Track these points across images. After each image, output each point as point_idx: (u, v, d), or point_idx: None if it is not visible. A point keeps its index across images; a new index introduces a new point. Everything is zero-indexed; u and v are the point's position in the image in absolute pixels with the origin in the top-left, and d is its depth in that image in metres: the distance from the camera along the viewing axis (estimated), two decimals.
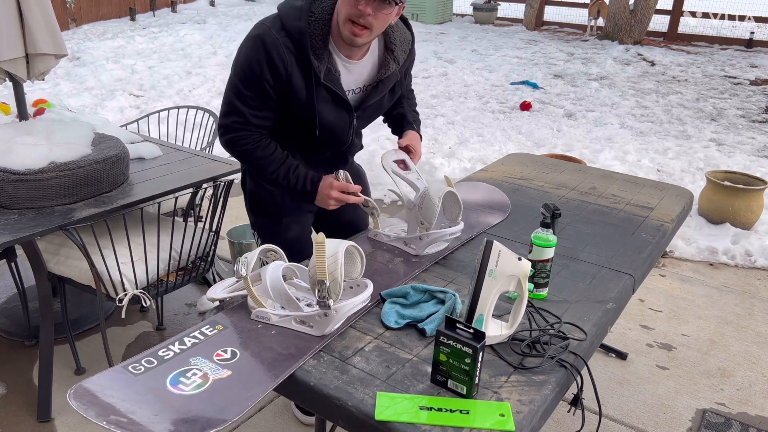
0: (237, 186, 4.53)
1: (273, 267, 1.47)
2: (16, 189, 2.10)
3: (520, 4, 12.66)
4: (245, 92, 1.70)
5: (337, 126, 1.82)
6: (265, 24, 1.67)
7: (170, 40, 9.18)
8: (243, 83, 1.69)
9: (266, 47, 1.64)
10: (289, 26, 1.65)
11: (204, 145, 3.20)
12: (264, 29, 1.66)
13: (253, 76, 1.67)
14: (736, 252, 3.64)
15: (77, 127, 2.41)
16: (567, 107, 6.61)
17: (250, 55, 1.67)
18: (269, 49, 1.64)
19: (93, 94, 6.42)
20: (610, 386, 2.51)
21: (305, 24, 1.65)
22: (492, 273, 1.35)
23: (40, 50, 2.76)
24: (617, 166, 4.78)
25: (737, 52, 10.01)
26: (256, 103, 1.71)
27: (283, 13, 1.68)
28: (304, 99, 1.72)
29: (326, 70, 1.70)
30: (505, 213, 2.14)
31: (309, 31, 1.65)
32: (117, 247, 2.23)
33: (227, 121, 1.74)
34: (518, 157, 2.78)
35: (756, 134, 5.86)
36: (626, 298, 1.71)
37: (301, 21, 1.64)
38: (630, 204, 2.27)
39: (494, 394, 1.24)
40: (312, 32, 1.66)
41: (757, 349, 2.80)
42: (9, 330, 2.74)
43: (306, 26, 1.65)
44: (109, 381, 1.22)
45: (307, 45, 1.65)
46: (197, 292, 3.12)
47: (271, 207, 1.96)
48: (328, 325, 1.39)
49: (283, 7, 1.69)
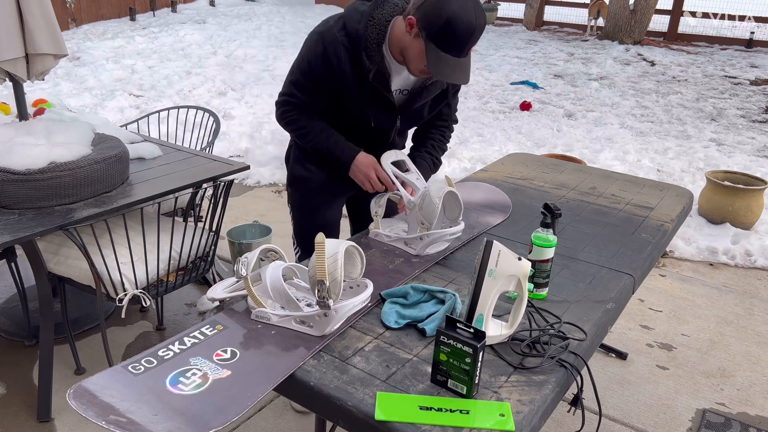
0: (237, 186, 4.54)
1: (273, 267, 1.47)
2: (16, 189, 2.10)
3: (520, 4, 12.66)
4: (301, 79, 1.88)
5: (381, 124, 1.96)
6: (329, 23, 1.83)
7: (170, 40, 9.18)
8: (300, 72, 1.87)
9: (324, 44, 1.80)
10: (348, 27, 1.80)
11: (204, 145, 3.20)
12: (327, 27, 1.82)
13: (309, 68, 1.84)
14: (736, 252, 3.64)
15: (77, 127, 2.41)
16: (567, 107, 6.61)
17: (310, 49, 1.83)
18: (327, 45, 1.80)
19: (93, 94, 6.42)
20: (610, 386, 2.51)
21: (363, 27, 1.79)
22: (492, 273, 1.35)
23: (39, 50, 2.76)
24: (617, 166, 4.78)
25: (737, 52, 10.01)
26: (308, 92, 1.89)
27: (347, 14, 1.83)
28: (354, 95, 1.87)
29: (377, 71, 1.82)
30: (506, 213, 2.14)
31: (365, 35, 1.79)
32: (117, 247, 2.23)
33: (281, 98, 1.95)
34: (518, 157, 2.78)
35: (756, 134, 5.86)
36: (626, 298, 1.71)
37: (360, 24, 1.79)
38: (630, 204, 2.27)
39: (494, 394, 1.24)
40: (368, 35, 1.79)
41: (757, 349, 2.80)
42: (9, 330, 2.74)
43: (363, 29, 1.79)
44: (108, 381, 1.22)
45: (361, 46, 1.79)
46: (197, 292, 3.12)
47: (309, 183, 2.12)
48: (328, 325, 1.39)
49: (348, 9, 1.85)
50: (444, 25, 1.61)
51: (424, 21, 1.64)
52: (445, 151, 2.16)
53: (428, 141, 2.11)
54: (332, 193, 2.14)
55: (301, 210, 2.17)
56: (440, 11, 1.61)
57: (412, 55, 1.74)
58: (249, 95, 6.60)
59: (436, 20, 1.62)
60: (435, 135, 2.12)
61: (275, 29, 10.55)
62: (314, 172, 2.09)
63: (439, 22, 1.61)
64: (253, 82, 7.19)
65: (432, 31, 1.64)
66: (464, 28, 1.62)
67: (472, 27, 1.63)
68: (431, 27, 1.64)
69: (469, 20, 1.62)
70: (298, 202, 2.17)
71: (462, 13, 1.61)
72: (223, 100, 6.35)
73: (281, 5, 13.51)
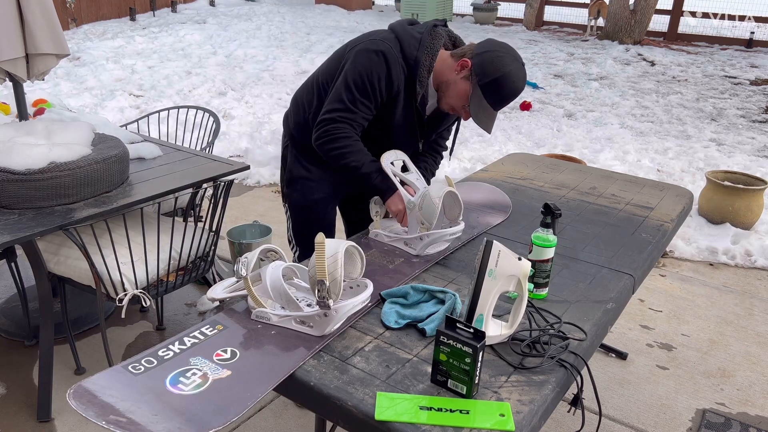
0: (237, 186, 4.54)
1: (273, 267, 1.47)
2: (16, 189, 2.10)
3: (520, 4, 12.66)
4: (357, 96, 1.85)
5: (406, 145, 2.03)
6: (387, 43, 1.85)
7: (170, 40, 9.18)
8: (357, 88, 1.84)
9: (388, 63, 1.83)
10: (407, 53, 1.86)
11: (204, 145, 3.20)
12: (387, 47, 1.84)
13: (370, 85, 1.84)
14: (736, 252, 3.64)
15: (77, 127, 2.40)
16: (567, 107, 6.61)
17: (369, 66, 1.83)
18: (391, 65, 1.83)
19: (93, 94, 6.42)
20: (610, 386, 2.51)
21: (421, 55, 1.86)
22: (492, 273, 1.35)
23: (40, 50, 2.76)
24: (617, 166, 4.78)
25: (737, 52, 10.01)
26: (364, 108, 1.87)
27: (402, 37, 1.87)
28: (399, 118, 1.93)
29: (422, 96, 1.91)
30: (506, 213, 2.14)
31: (422, 62, 1.86)
32: (117, 247, 2.23)
33: (334, 115, 1.87)
34: (518, 157, 2.78)
35: (756, 134, 5.86)
36: (626, 298, 1.71)
37: (418, 51, 1.86)
38: (630, 204, 2.27)
39: (494, 394, 1.24)
40: (423, 63, 1.87)
41: (757, 349, 2.80)
42: (9, 330, 2.74)
43: (421, 57, 1.86)
44: (108, 381, 1.22)
45: (416, 74, 1.86)
46: (197, 292, 3.12)
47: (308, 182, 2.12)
48: (328, 325, 1.39)
49: (403, 33, 1.88)
50: (498, 79, 1.77)
51: (480, 68, 1.78)
52: (434, 175, 2.24)
53: (420, 164, 2.17)
54: (330, 191, 2.16)
55: (300, 209, 2.17)
56: (498, 67, 1.77)
57: (453, 93, 1.86)
58: (249, 95, 6.60)
59: (492, 72, 1.77)
60: (428, 159, 2.18)
61: (275, 29, 10.55)
62: (313, 171, 2.10)
63: (494, 75, 1.77)
64: (253, 82, 7.19)
65: (484, 80, 1.78)
66: (511, 88, 1.79)
67: (517, 90, 1.81)
68: (485, 77, 1.78)
69: (517, 84, 1.80)
70: (297, 201, 2.17)
71: (514, 76, 1.78)
72: (223, 100, 6.35)
73: (281, 5, 13.51)
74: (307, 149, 2.08)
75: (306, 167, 2.11)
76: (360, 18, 12.31)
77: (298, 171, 2.12)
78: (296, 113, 2.08)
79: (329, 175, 2.11)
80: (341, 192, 2.19)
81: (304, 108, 2.05)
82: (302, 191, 2.14)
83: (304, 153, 2.10)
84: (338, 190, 2.18)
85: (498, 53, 1.79)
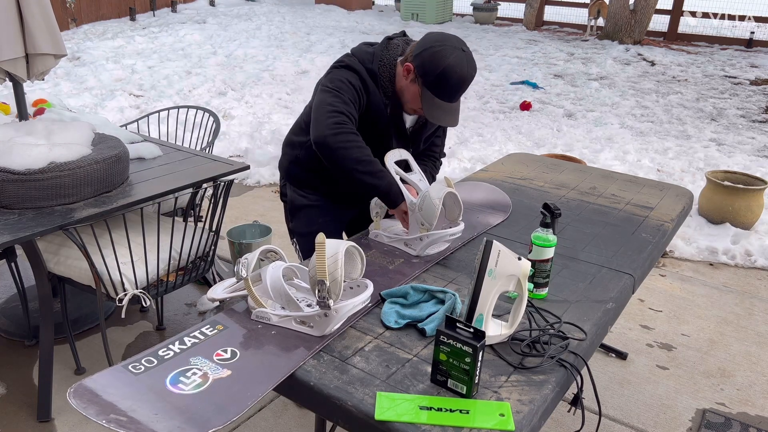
0: (237, 186, 4.54)
1: (273, 267, 1.47)
2: (16, 189, 2.10)
3: (520, 4, 12.66)
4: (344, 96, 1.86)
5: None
6: (348, 59, 1.93)
7: (170, 40, 9.18)
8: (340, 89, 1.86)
9: (356, 70, 1.89)
10: (366, 65, 1.91)
11: (204, 145, 3.20)
12: (349, 60, 1.92)
13: (349, 84, 1.87)
14: (736, 252, 3.64)
15: (77, 127, 2.41)
16: (567, 107, 6.61)
17: (342, 74, 1.89)
18: (359, 71, 1.90)
19: (93, 94, 6.42)
20: (610, 386, 2.51)
21: (377, 67, 1.91)
22: (492, 273, 1.35)
23: (39, 50, 2.76)
24: (617, 166, 4.78)
25: (737, 52, 10.01)
26: (352, 104, 1.88)
27: (359, 54, 1.94)
28: (380, 124, 1.96)
29: (392, 106, 1.95)
30: (506, 213, 2.14)
31: (380, 74, 1.92)
32: (117, 247, 2.23)
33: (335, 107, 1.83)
34: (518, 157, 2.78)
35: (756, 134, 5.86)
36: (626, 298, 1.71)
37: (373, 64, 1.91)
38: (630, 204, 2.27)
39: (494, 394, 1.24)
40: (382, 75, 1.92)
41: (757, 349, 2.80)
42: (9, 330, 2.74)
43: (377, 68, 1.91)
44: (109, 380, 1.23)
45: (378, 84, 1.92)
46: (197, 292, 3.12)
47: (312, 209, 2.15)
48: (328, 326, 1.39)
49: (359, 52, 1.95)
50: (439, 75, 1.78)
51: (421, 69, 1.80)
52: (435, 179, 2.24)
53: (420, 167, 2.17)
54: (334, 216, 2.19)
55: (308, 235, 2.17)
56: (437, 62, 1.77)
57: (408, 97, 1.89)
58: (249, 95, 6.60)
59: (432, 70, 1.78)
60: (427, 163, 2.20)
61: (275, 29, 10.55)
62: (314, 199, 2.14)
63: (436, 72, 1.78)
64: (253, 82, 7.19)
65: (428, 79, 1.80)
66: (457, 79, 1.79)
67: (464, 78, 1.80)
68: (428, 75, 1.80)
69: (462, 72, 1.79)
70: (303, 228, 2.18)
71: (456, 66, 1.77)
72: (223, 100, 6.35)
73: (281, 5, 13.51)
74: (305, 182, 2.13)
75: (306, 196, 2.15)
76: (360, 18, 12.31)
77: (300, 201, 2.15)
78: (289, 153, 2.14)
79: (330, 203, 2.15)
80: (345, 216, 2.22)
81: (296, 147, 2.10)
82: (306, 218, 2.16)
83: (302, 186, 2.15)
84: (342, 214, 2.20)
85: (434, 48, 1.78)
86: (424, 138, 2.12)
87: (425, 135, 2.11)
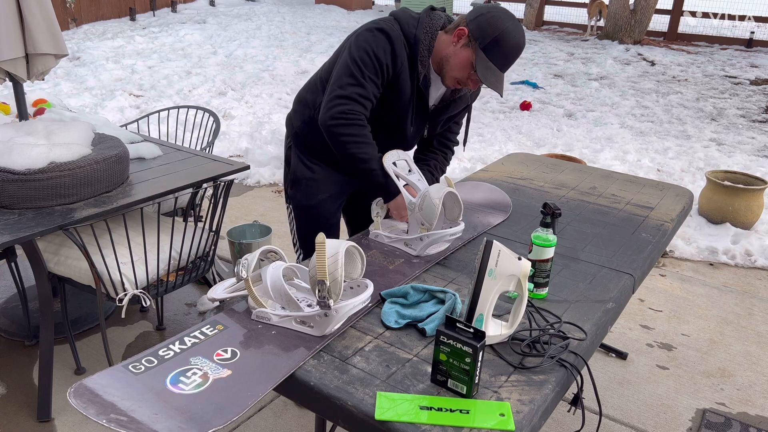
0: (237, 186, 4.54)
1: (273, 267, 1.47)
2: (16, 189, 2.10)
3: (520, 4, 12.66)
4: (365, 71, 1.82)
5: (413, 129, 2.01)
6: (386, 23, 1.85)
7: (170, 40, 9.18)
8: (365, 63, 1.82)
9: (391, 38, 1.83)
10: (406, 31, 1.86)
11: (204, 145, 3.20)
12: (387, 25, 1.84)
13: (376, 59, 1.82)
14: (736, 252, 3.64)
15: (77, 127, 2.41)
16: (567, 107, 6.61)
17: (373, 42, 1.82)
18: (393, 40, 1.83)
19: (93, 94, 6.42)
20: (610, 386, 2.51)
21: (420, 33, 1.86)
22: (492, 273, 1.35)
23: (40, 50, 2.76)
24: (617, 166, 4.78)
25: (737, 52, 10.01)
26: (372, 84, 1.84)
27: (401, 18, 1.89)
28: (404, 97, 1.91)
29: (423, 77, 1.90)
30: (506, 213, 2.14)
31: (421, 39, 1.87)
32: (117, 247, 2.23)
33: (348, 91, 1.83)
34: (518, 157, 2.78)
35: (756, 134, 5.86)
36: (626, 297, 1.71)
37: (417, 29, 1.86)
38: (630, 204, 2.27)
39: (494, 394, 1.24)
40: (423, 41, 1.87)
41: (757, 349, 2.80)
42: (9, 330, 2.74)
43: (420, 35, 1.86)
44: (109, 380, 1.22)
45: (417, 52, 1.86)
46: (197, 292, 3.12)
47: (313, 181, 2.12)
48: (328, 326, 1.39)
49: (402, 14, 1.90)
50: (497, 38, 1.76)
51: (478, 32, 1.78)
52: (445, 172, 2.23)
53: (431, 161, 2.17)
54: (335, 191, 2.16)
55: (305, 209, 2.16)
56: (495, 26, 1.76)
57: (455, 64, 1.84)
58: (249, 95, 6.61)
59: (491, 32, 1.76)
60: (438, 156, 2.19)
61: (275, 29, 10.55)
62: (318, 171, 2.10)
63: (494, 34, 1.76)
64: (253, 82, 7.19)
65: (485, 41, 1.77)
66: (513, 44, 1.78)
67: (519, 45, 1.80)
68: (485, 38, 1.77)
69: (517, 39, 1.79)
70: (301, 201, 2.16)
71: (513, 31, 1.78)
72: (223, 100, 6.35)
73: (281, 5, 13.51)
74: (312, 149, 2.08)
75: (310, 167, 2.11)
76: (360, 18, 12.31)
77: (302, 172, 2.12)
78: (301, 112, 2.07)
79: (334, 174, 2.11)
80: (346, 191, 2.19)
81: (308, 106, 2.03)
82: (307, 191, 2.13)
83: (307, 153, 2.10)
84: (343, 190, 2.17)
85: (492, 14, 1.79)
86: (444, 119, 2.07)
87: (446, 116, 2.07)
